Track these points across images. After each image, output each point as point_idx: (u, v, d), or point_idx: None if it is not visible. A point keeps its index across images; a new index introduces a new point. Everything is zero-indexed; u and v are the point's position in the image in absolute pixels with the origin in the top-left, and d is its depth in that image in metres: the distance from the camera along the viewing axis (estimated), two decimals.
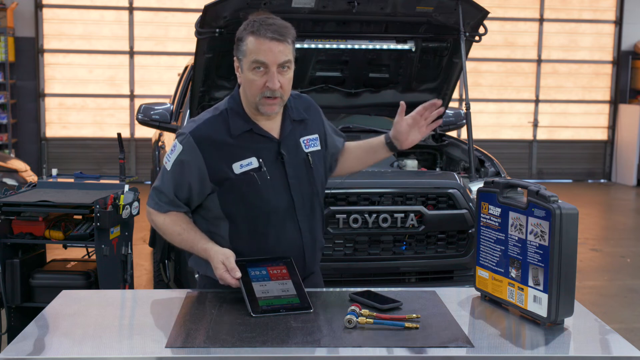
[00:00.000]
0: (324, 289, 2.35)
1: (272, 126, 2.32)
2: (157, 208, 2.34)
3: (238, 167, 2.26)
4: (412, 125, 2.35)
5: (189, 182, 2.27)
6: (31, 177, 6.39)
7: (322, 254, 2.50)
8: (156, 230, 2.40)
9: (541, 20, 11.22)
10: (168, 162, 2.30)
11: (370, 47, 4.59)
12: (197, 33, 4.08)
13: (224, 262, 2.16)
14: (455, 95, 10.37)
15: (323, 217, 2.45)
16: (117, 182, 3.94)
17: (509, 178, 2.42)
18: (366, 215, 3.92)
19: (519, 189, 2.15)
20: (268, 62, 2.17)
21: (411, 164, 4.63)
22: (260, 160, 2.27)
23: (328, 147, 2.46)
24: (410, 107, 2.45)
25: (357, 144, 2.53)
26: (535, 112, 11.40)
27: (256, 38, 2.17)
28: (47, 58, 10.33)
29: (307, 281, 2.37)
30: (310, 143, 2.38)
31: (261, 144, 2.29)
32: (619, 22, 11.35)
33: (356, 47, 4.57)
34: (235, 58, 2.27)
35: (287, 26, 2.22)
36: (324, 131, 2.46)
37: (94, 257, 3.61)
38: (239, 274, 2.13)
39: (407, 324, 1.95)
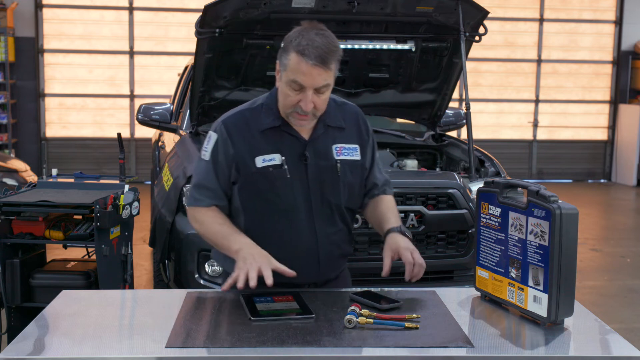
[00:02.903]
0: (324, 289, 2.35)
1: (304, 127, 2.30)
2: (197, 203, 2.33)
3: (260, 161, 2.26)
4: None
5: (226, 168, 2.28)
6: (31, 177, 6.38)
7: (346, 261, 2.48)
8: (196, 230, 2.38)
9: (541, 20, 11.23)
10: (205, 152, 2.32)
11: (370, 47, 4.59)
12: (197, 33, 4.08)
13: (249, 267, 2.11)
14: (455, 95, 10.36)
15: (348, 225, 2.41)
16: (117, 182, 3.94)
17: (509, 178, 2.42)
18: None
19: (519, 189, 2.15)
20: (305, 85, 2.16)
21: (411, 164, 4.63)
22: (283, 157, 2.26)
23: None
24: (410, 107, 2.45)
25: (380, 210, 2.45)
26: (535, 112, 11.40)
27: (299, 58, 2.13)
28: (47, 58, 10.33)
29: (325, 287, 2.37)
30: (345, 151, 2.34)
31: (288, 142, 2.28)
32: (619, 22, 11.35)
33: (356, 47, 4.57)
34: (277, 61, 2.24)
35: (333, 50, 2.16)
36: (368, 147, 2.41)
37: (94, 257, 3.61)
38: (253, 283, 2.09)
39: (407, 324, 1.95)
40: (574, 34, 11.36)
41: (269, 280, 2.09)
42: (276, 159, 2.26)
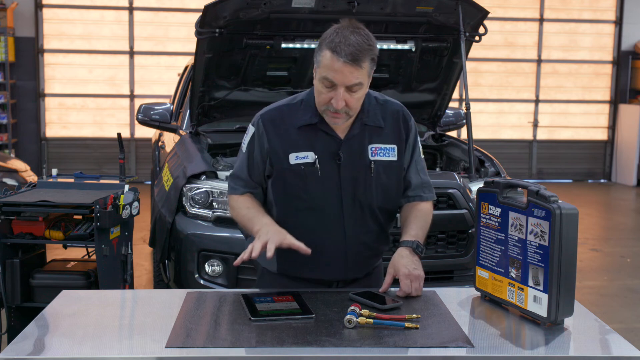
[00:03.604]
0: (324, 289, 2.35)
1: (340, 125, 2.29)
2: (233, 192, 2.38)
3: (294, 158, 2.27)
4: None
5: (261, 162, 2.31)
6: (31, 177, 6.38)
7: (379, 260, 2.47)
8: (231, 215, 2.41)
9: (541, 20, 11.23)
10: (244, 145, 2.36)
11: None
12: (197, 33, 4.08)
13: (268, 239, 2.13)
14: (455, 95, 10.36)
15: (382, 225, 2.39)
16: (117, 182, 3.94)
17: (509, 178, 2.42)
18: None
19: (519, 189, 2.15)
20: (336, 82, 2.15)
21: None
22: (316, 156, 2.26)
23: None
24: (410, 107, 2.45)
25: (408, 218, 2.40)
26: (535, 112, 11.40)
27: (331, 55, 2.12)
28: (47, 58, 10.33)
29: (355, 285, 2.38)
30: (380, 152, 2.32)
31: (322, 140, 2.28)
32: (619, 22, 11.35)
33: None
34: (314, 58, 2.23)
35: (367, 49, 2.13)
36: (407, 147, 2.38)
37: (94, 257, 3.61)
38: (255, 254, 2.11)
39: (407, 324, 1.95)
40: (574, 34, 11.36)
41: (270, 252, 2.11)
42: (309, 157, 2.27)
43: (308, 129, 2.28)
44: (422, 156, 2.46)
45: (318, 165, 2.26)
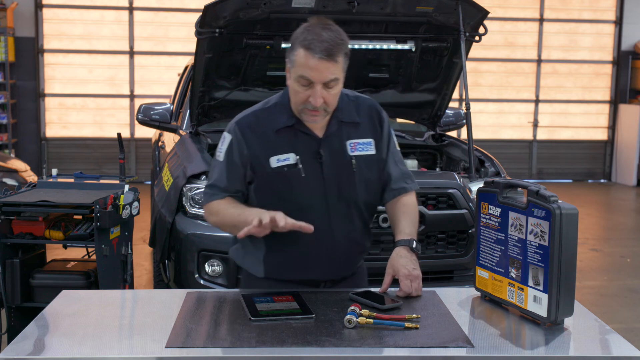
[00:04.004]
0: (324, 289, 2.35)
1: (317, 125, 2.29)
2: (212, 198, 2.33)
3: (275, 161, 2.26)
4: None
5: (241, 168, 2.29)
6: (31, 177, 6.38)
7: (363, 257, 2.46)
8: (213, 223, 2.38)
9: (541, 20, 11.23)
10: (220, 153, 2.32)
11: (370, 47, 4.59)
12: (197, 33, 4.08)
13: (261, 217, 2.11)
14: (455, 95, 10.36)
15: (366, 221, 2.40)
16: (117, 182, 3.94)
17: (509, 178, 2.42)
18: None
19: (519, 189, 2.15)
20: (313, 80, 2.16)
21: (411, 164, 4.63)
22: (298, 157, 2.26)
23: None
24: (410, 107, 2.45)
25: (397, 215, 2.41)
26: (535, 112, 11.40)
27: (306, 53, 2.14)
28: (47, 58, 10.33)
29: (342, 284, 2.38)
30: (359, 147, 2.33)
31: (302, 141, 2.28)
32: (619, 22, 11.35)
33: (356, 47, 4.57)
34: (286, 59, 2.24)
35: (340, 43, 2.17)
36: (383, 140, 2.38)
37: (94, 257, 3.61)
38: (266, 220, 2.08)
39: (407, 324, 1.95)
40: (574, 34, 11.36)
41: (282, 222, 2.09)
42: (290, 158, 2.26)
43: (286, 131, 2.28)
44: (398, 148, 2.47)
45: (301, 166, 2.26)
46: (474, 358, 1.83)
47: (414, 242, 2.31)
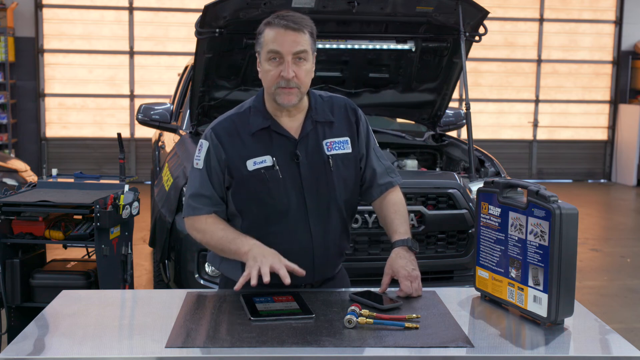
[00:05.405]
0: (323, 289, 2.35)
1: (292, 125, 2.30)
2: (196, 212, 2.31)
3: (252, 164, 2.26)
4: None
5: (220, 173, 2.28)
6: (31, 177, 6.38)
7: (343, 260, 2.46)
8: (197, 239, 2.35)
9: (541, 20, 11.23)
10: (199, 161, 2.31)
11: (370, 47, 4.59)
12: (197, 33, 4.08)
13: (261, 264, 2.11)
14: (455, 95, 10.36)
15: (345, 222, 2.39)
16: (117, 182, 3.94)
17: (509, 178, 2.42)
18: (366, 215, 3.93)
19: (519, 189, 2.15)
20: (282, 51, 2.18)
21: (411, 164, 4.63)
22: (274, 159, 2.26)
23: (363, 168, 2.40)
24: (410, 107, 2.45)
25: (388, 215, 2.40)
26: (535, 112, 11.40)
27: (271, 28, 2.20)
28: (47, 58, 10.33)
29: (323, 287, 2.37)
30: (335, 146, 2.33)
31: (278, 142, 2.28)
32: (619, 22, 11.35)
33: (356, 47, 4.57)
34: (256, 54, 2.27)
35: (304, 18, 2.23)
36: (360, 137, 2.38)
37: (94, 257, 3.61)
38: (267, 279, 2.08)
39: (407, 324, 1.95)
40: (574, 34, 11.36)
41: (287, 279, 2.10)
42: (267, 160, 2.26)
43: (262, 134, 2.28)
44: (377, 144, 2.47)
45: (277, 168, 2.25)
46: (474, 358, 1.83)
47: (411, 241, 2.32)
